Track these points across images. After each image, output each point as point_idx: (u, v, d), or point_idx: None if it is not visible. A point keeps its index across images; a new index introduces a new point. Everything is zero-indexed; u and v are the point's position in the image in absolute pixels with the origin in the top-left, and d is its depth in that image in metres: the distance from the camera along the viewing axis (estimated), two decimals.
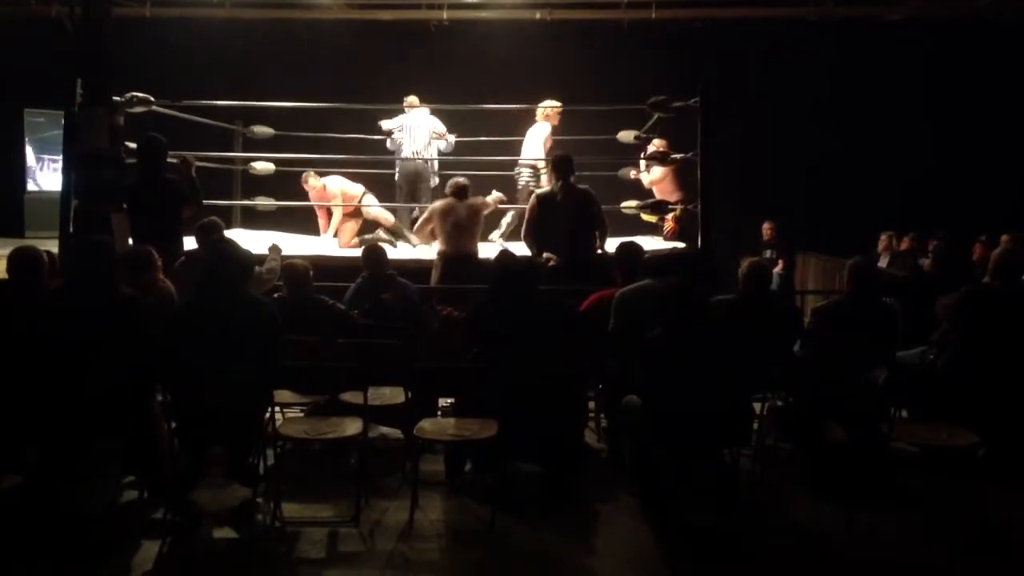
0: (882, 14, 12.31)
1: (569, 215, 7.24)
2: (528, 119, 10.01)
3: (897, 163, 12.76)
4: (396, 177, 10.04)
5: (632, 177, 9.96)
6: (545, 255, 7.18)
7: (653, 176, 9.69)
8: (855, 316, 5.40)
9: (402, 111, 10.03)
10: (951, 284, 5.78)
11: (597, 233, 7.31)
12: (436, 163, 10.10)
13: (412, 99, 10.08)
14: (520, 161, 9.72)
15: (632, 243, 6.30)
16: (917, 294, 6.28)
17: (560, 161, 7.55)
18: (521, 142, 9.93)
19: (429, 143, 9.89)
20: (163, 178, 6.92)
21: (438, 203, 7.95)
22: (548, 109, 9.78)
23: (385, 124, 10.20)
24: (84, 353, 4.45)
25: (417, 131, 9.89)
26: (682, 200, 9.08)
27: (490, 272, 5.69)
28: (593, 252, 7.27)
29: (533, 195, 7.73)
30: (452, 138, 10.09)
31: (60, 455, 4.47)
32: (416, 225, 8.12)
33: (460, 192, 7.83)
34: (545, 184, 8.98)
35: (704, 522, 4.74)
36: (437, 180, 10.12)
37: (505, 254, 5.81)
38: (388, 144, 10.26)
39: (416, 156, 9.84)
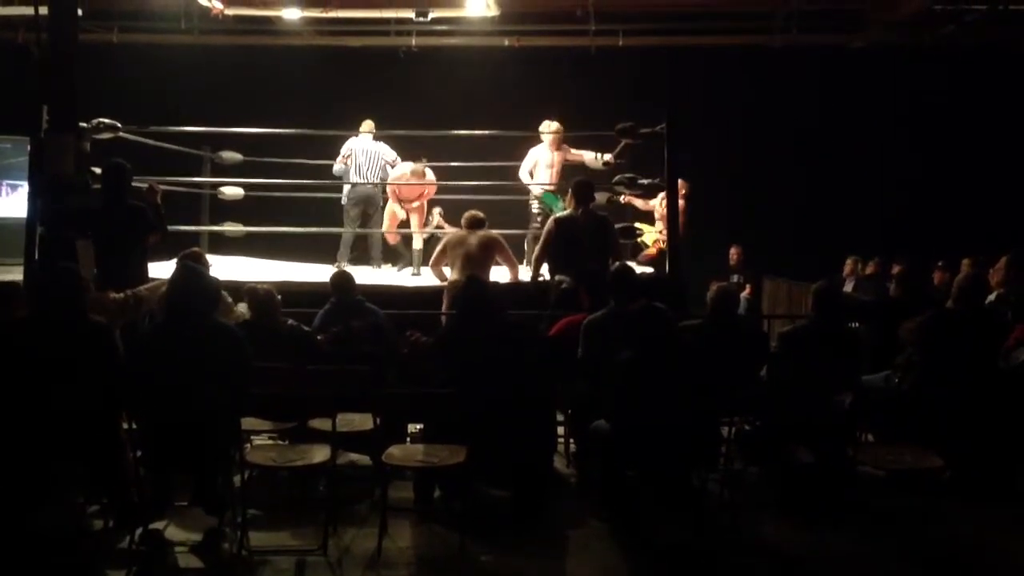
0: (845, 41, 12.48)
1: (588, 240, 7.26)
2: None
3: (863, 188, 12.90)
4: (344, 201, 10.01)
5: (624, 202, 9.92)
6: (558, 278, 7.21)
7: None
8: (821, 340, 5.44)
9: (354, 135, 10.02)
10: (915, 308, 5.84)
11: (611, 259, 7.27)
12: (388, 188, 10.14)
13: (368, 124, 10.03)
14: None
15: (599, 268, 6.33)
16: (882, 318, 6.34)
17: (580, 186, 7.59)
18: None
19: (379, 168, 9.88)
20: (128, 204, 6.87)
21: (451, 235, 8.01)
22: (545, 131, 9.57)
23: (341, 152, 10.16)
24: (51, 380, 4.42)
25: (367, 156, 9.87)
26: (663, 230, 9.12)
27: (457, 297, 5.71)
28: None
29: (551, 218, 7.73)
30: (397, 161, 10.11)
31: (24, 482, 4.43)
32: (432, 261, 8.11)
33: (474, 224, 7.86)
34: (536, 207, 9.21)
35: (673, 544, 4.76)
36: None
37: (472, 279, 5.82)
38: (335, 169, 10.19)
39: (368, 181, 9.83)
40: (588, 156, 9.53)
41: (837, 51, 12.58)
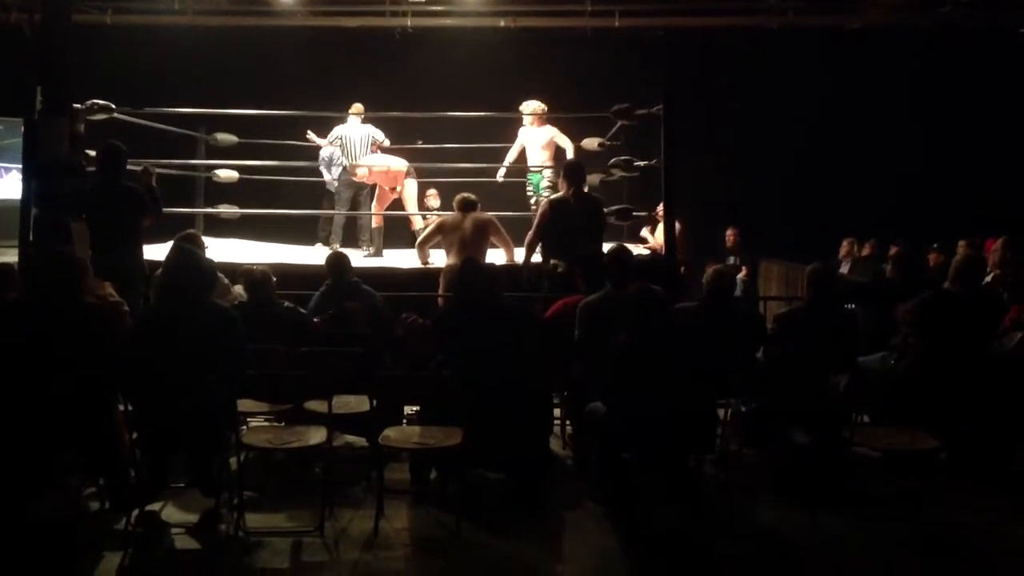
0: (842, 22, 12.44)
1: (581, 222, 7.25)
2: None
3: (860, 169, 12.89)
4: (336, 186, 9.99)
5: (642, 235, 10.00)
6: (552, 261, 7.20)
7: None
8: (816, 322, 5.44)
9: (344, 120, 9.98)
10: (912, 290, 5.84)
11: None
12: None
13: (358, 107, 9.97)
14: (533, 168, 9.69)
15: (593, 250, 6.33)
16: (878, 300, 6.34)
17: (572, 168, 7.58)
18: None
19: (367, 151, 9.84)
20: (123, 186, 6.84)
21: (445, 218, 8.03)
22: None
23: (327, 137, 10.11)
24: (48, 364, 4.41)
25: (355, 139, 9.83)
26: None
27: (454, 280, 5.70)
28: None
29: (545, 201, 7.76)
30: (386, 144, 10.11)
31: (21, 467, 4.42)
32: (419, 240, 8.17)
33: (466, 207, 7.83)
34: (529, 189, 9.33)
35: (670, 527, 4.77)
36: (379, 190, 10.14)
37: (469, 261, 5.81)
38: (323, 153, 10.09)
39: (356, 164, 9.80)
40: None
41: (834, 32, 12.54)
